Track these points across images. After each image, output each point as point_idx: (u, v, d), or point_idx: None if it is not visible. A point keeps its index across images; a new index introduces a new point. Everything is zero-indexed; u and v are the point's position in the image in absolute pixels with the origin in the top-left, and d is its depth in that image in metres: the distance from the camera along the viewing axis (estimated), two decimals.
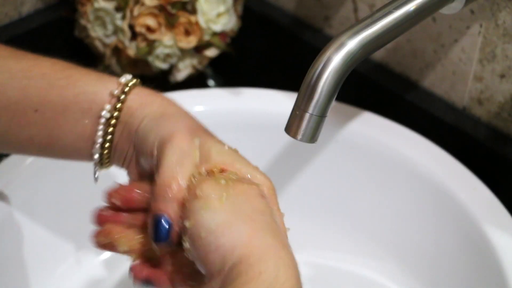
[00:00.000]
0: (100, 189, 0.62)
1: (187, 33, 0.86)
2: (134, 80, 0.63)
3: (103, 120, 0.61)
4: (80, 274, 0.78)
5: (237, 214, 0.53)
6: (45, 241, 0.76)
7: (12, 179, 0.72)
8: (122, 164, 0.64)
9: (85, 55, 0.92)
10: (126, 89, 0.62)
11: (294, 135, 0.60)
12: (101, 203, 0.64)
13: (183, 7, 0.85)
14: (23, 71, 0.62)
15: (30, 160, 0.73)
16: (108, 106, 0.61)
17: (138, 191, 0.60)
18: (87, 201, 0.69)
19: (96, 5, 0.84)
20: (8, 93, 0.62)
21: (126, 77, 0.62)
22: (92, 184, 0.64)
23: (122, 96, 0.61)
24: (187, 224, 0.54)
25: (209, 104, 0.81)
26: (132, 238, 0.59)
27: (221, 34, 0.87)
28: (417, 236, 0.78)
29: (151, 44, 0.85)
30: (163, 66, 0.87)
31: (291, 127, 0.60)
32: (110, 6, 0.85)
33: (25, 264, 0.74)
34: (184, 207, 0.55)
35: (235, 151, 0.60)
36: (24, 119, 0.62)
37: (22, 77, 0.62)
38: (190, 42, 0.86)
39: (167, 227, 0.56)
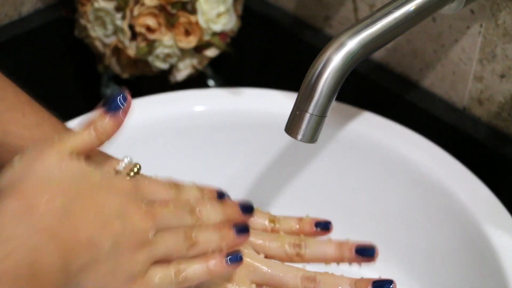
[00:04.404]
0: None
1: (187, 33, 0.86)
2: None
3: None
4: None
5: None
6: None
7: None
8: None
9: (85, 55, 0.92)
10: None
11: (294, 135, 0.60)
12: None
13: (183, 7, 0.85)
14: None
15: None
16: None
17: None
18: None
19: (96, 5, 0.84)
20: None
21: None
22: None
23: None
24: None
25: (209, 104, 0.81)
26: None
27: (221, 34, 0.87)
28: (416, 236, 0.78)
29: (151, 44, 0.85)
30: (163, 66, 0.87)
31: (291, 127, 0.60)
32: (110, 6, 0.84)
33: None
34: None
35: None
36: None
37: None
38: (190, 42, 0.85)
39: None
